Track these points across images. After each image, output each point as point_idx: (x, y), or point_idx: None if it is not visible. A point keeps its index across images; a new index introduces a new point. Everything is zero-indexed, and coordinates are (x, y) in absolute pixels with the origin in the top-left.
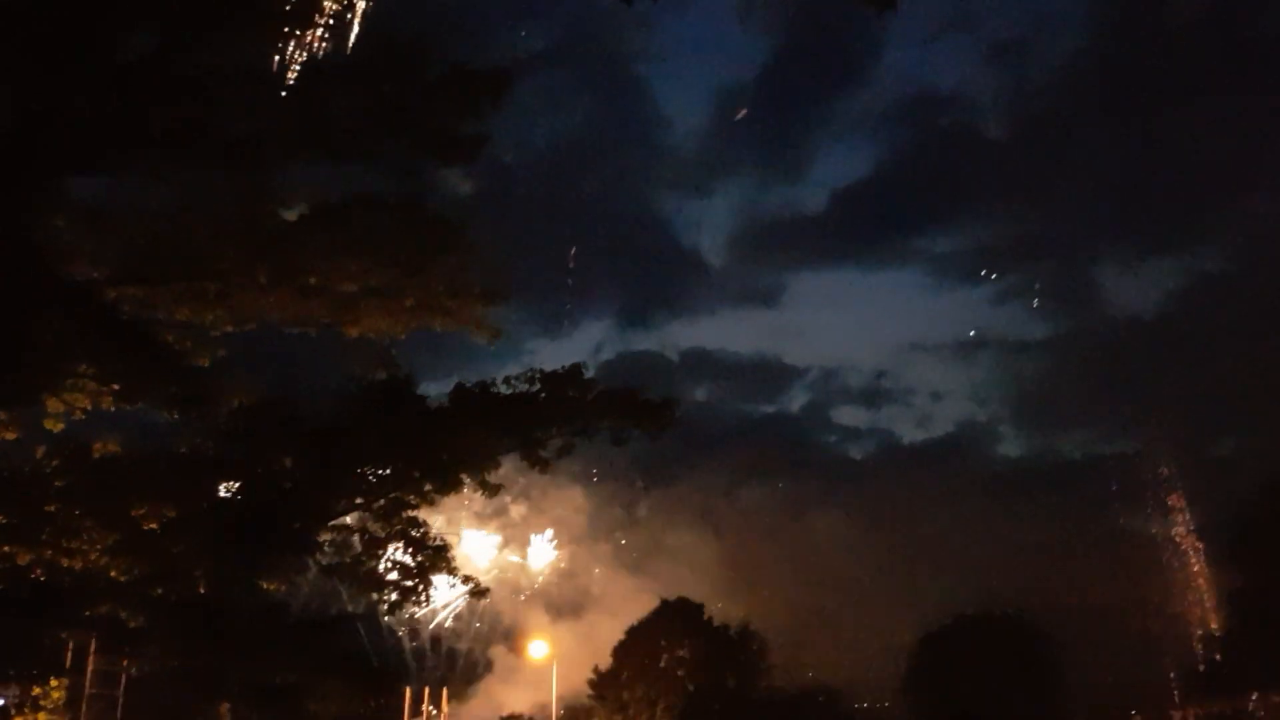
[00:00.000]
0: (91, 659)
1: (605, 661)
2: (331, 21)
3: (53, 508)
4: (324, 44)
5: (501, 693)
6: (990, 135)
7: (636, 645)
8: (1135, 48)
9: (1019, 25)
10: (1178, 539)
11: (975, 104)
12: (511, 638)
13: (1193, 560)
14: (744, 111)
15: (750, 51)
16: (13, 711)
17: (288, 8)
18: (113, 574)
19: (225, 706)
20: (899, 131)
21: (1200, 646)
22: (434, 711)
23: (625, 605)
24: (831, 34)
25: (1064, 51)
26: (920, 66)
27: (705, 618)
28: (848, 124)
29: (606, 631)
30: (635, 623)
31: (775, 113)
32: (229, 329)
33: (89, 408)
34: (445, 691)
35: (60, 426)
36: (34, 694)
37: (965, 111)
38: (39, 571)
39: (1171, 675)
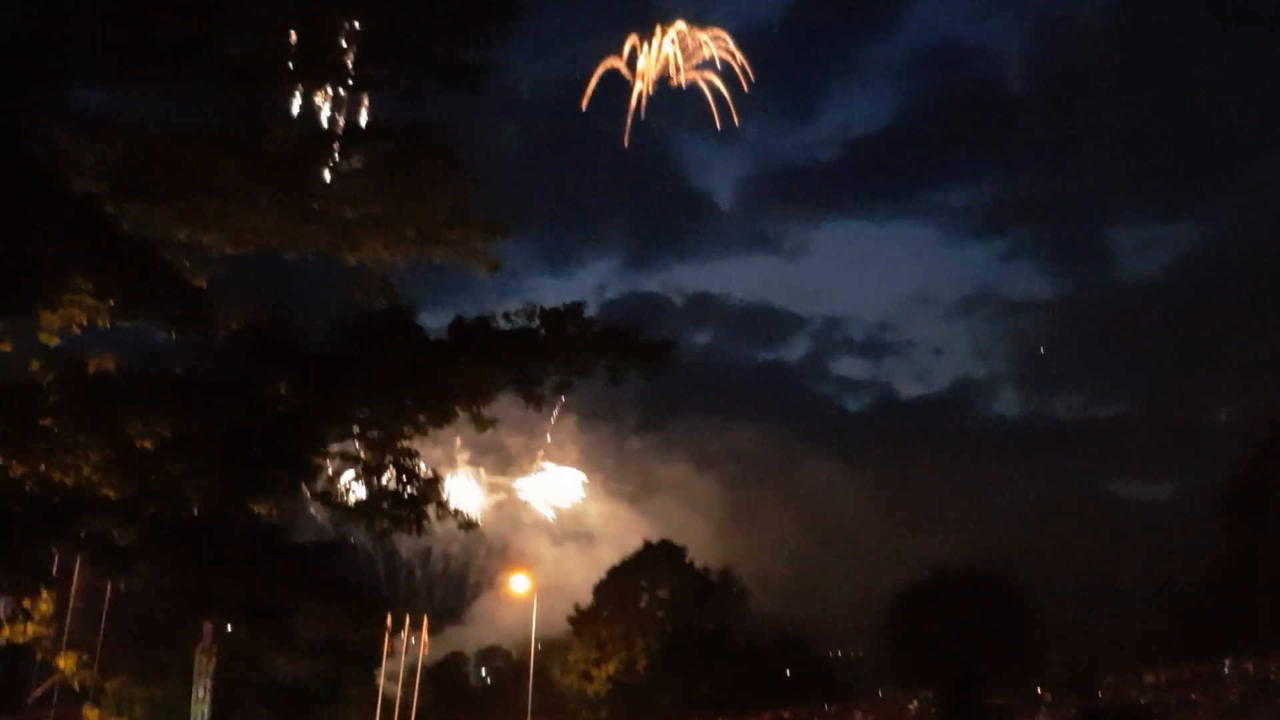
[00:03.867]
0: (77, 573)
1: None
2: None
3: (47, 422)
4: None
5: (493, 621)
6: (1013, 90)
7: (617, 585)
8: (1162, 9)
9: None
10: (1164, 503)
11: (1000, 57)
12: (506, 567)
13: (1177, 525)
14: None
15: None
16: (4, 624)
17: None
18: (105, 491)
19: (209, 624)
20: (921, 82)
21: (1178, 610)
22: (413, 641)
23: (613, 541)
24: None
25: (1092, 10)
26: (948, 16)
27: (687, 561)
28: (870, 71)
29: (590, 565)
30: (617, 563)
31: (797, 56)
32: (227, 250)
33: (85, 323)
34: (425, 620)
35: (56, 341)
36: (24, 606)
37: (989, 64)
38: (32, 485)
39: (1147, 638)
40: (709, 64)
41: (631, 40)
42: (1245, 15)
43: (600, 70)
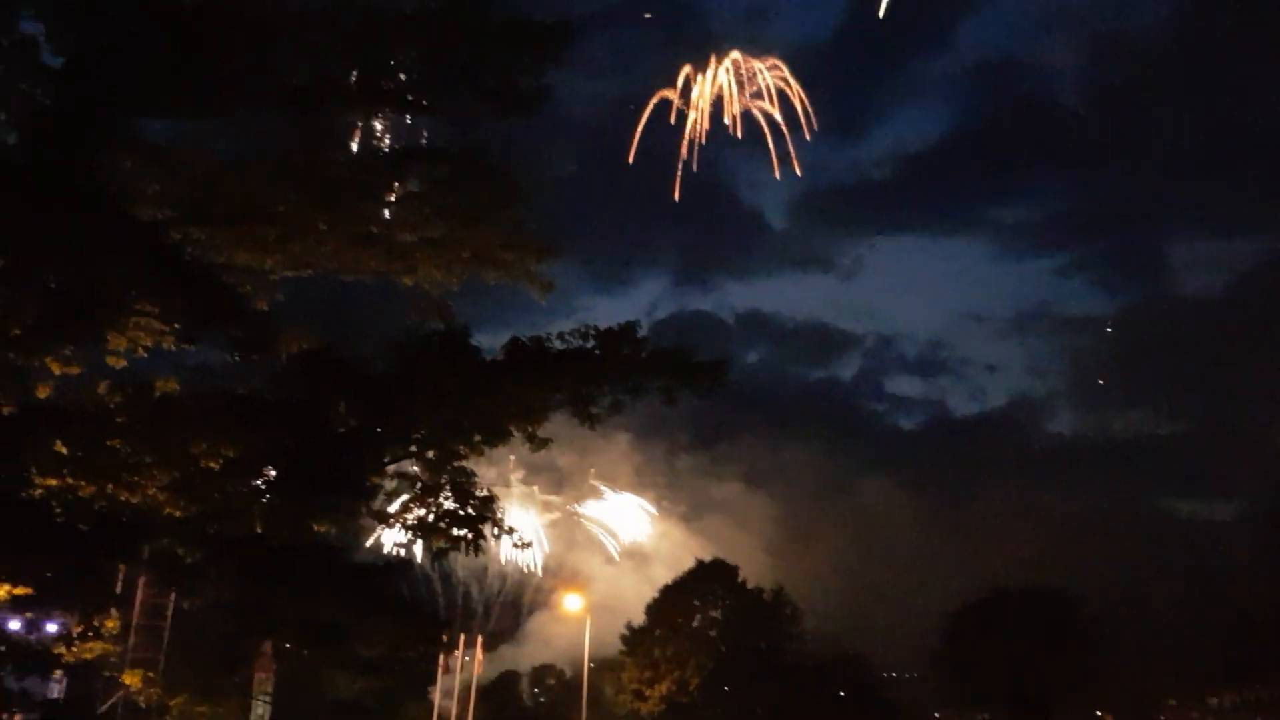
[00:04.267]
0: (140, 590)
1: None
2: None
3: (115, 443)
4: None
5: (547, 640)
6: (1069, 104)
7: (670, 604)
8: (1220, 22)
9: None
10: (1225, 522)
11: (1056, 72)
12: (560, 585)
13: (1239, 544)
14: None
15: (831, 9)
16: (75, 641)
17: None
18: (169, 510)
19: (268, 643)
20: (976, 97)
21: (1242, 631)
22: (468, 659)
23: (666, 559)
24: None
25: (1148, 23)
26: (1002, 32)
27: (739, 580)
28: (924, 87)
29: (644, 582)
30: (669, 581)
31: (850, 73)
32: (288, 274)
33: (150, 346)
34: (480, 639)
35: (122, 363)
36: (92, 624)
37: (1045, 79)
38: (101, 504)
39: (1210, 659)
40: (765, 95)
41: (685, 71)
42: None
43: (651, 105)
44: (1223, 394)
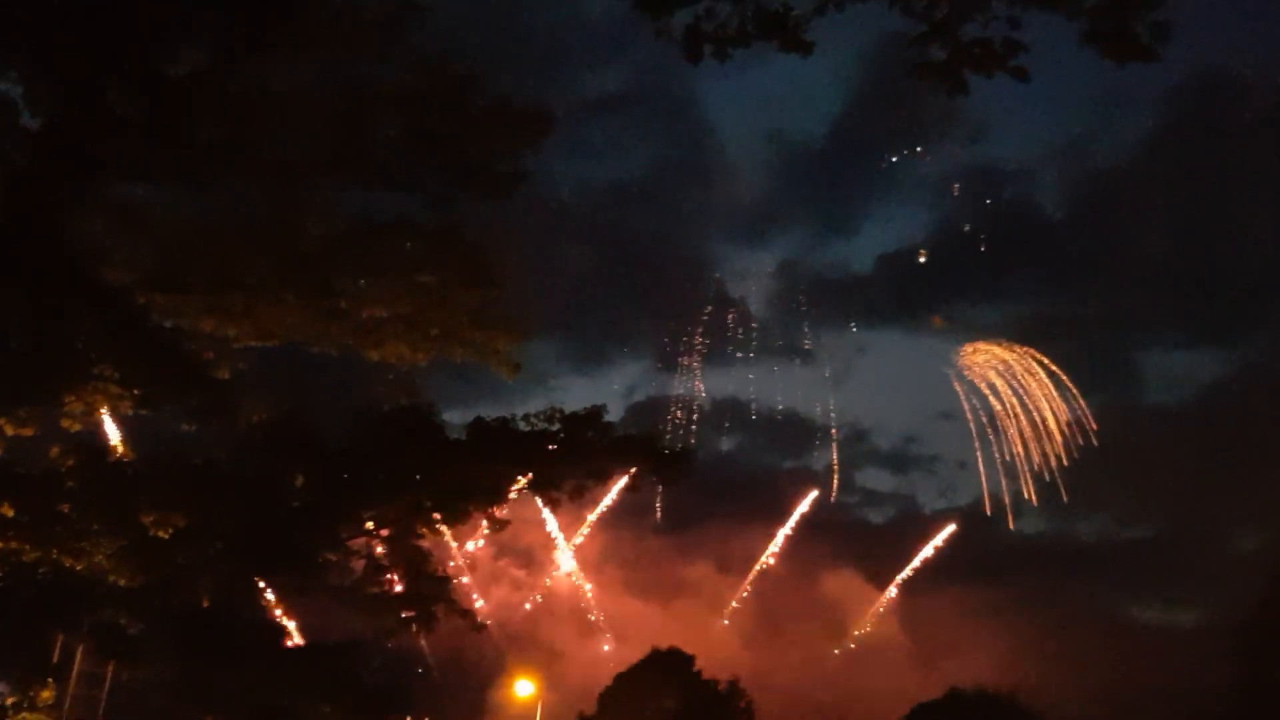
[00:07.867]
0: (78, 660)
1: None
2: (382, 47)
3: (64, 507)
4: (372, 70)
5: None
6: (1049, 212)
7: (623, 693)
8: (1202, 141)
9: (1088, 113)
10: (1187, 629)
11: (1038, 180)
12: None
13: (1200, 653)
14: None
15: (822, 105)
16: (10, 711)
17: (340, 33)
18: (114, 579)
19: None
20: (957, 200)
21: None
22: None
23: (633, 641)
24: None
25: (1131, 139)
26: (987, 138)
27: (695, 670)
28: (908, 187)
29: (617, 662)
30: (623, 670)
31: (837, 170)
32: (252, 343)
33: (108, 410)
34: None
35: (77, 427)
36: (29, 694)
37: (1027, 186)
38: (44, 570)
39: None
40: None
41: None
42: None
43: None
44: (1186, 501)
